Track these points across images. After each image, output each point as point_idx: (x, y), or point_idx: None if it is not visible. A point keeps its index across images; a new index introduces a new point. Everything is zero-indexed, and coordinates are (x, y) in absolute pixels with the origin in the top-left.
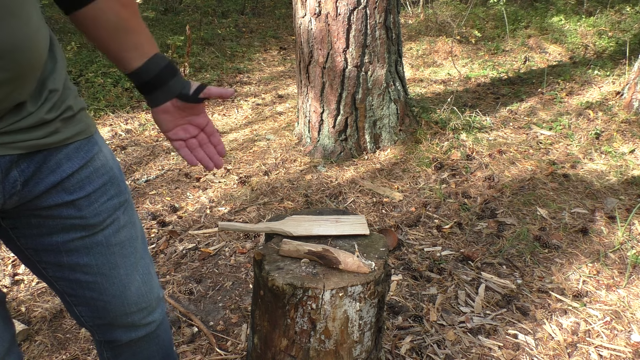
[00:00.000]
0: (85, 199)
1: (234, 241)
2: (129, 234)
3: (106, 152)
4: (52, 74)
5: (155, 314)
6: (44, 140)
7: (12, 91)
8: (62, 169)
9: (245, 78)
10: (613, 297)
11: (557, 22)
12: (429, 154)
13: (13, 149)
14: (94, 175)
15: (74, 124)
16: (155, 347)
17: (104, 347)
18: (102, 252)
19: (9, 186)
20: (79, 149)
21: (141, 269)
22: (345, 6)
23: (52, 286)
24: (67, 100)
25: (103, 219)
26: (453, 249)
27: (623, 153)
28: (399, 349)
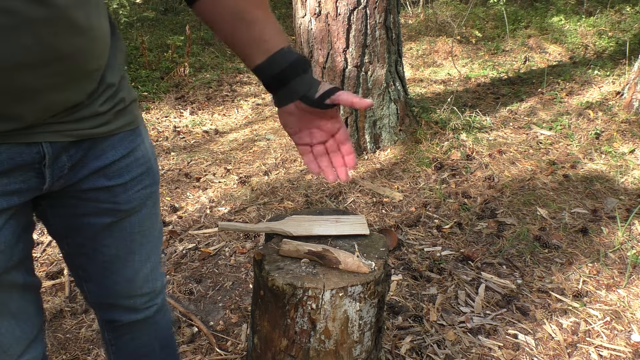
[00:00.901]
0: (121, 186)
1: (234, 241)
2: (151, 224)
3: (147, 144)
4: (111, 68)
5: (157, 300)
6: (95, 130)
7: (71, 94)
8: (105, 156)
9: (245, 78)
10: (613, 297)
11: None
12: (429, 154)
13: (65, 136)
14: (133, 165)
15: (124, 115)
16: (154, 333)
17: (106, 327)
18: (124, 237)
19: (58, 170)
20: (124, 139)
21: (153, 258)
22: (345, 6)
23: (69, 260)
24: (121, 92)
25: (133, 207)
26: (453, 249)
27: (623, 153)
28: (399, 349)
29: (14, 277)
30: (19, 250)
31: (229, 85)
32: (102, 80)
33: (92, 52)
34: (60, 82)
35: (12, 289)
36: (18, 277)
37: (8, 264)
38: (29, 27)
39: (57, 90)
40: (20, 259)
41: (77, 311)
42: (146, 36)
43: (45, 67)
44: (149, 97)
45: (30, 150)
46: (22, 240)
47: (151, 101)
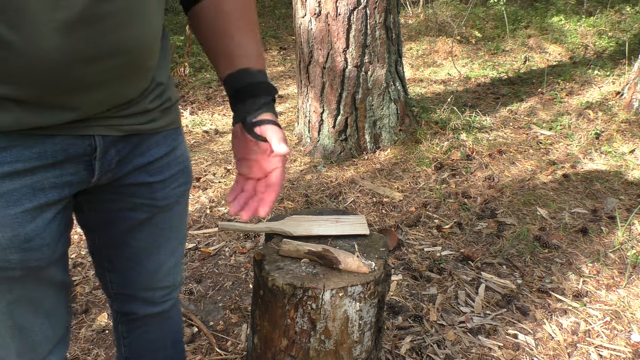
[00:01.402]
0: (160, 183)
1: (234, 241)
2: (179, 220)
3: (185, 144)
4: (160, 67)
5: (174, 294)
6: (143, 126)
7: (128, 89)
8: (150, 153)
9: None
10: (613, 297)
11: (557, 22)
12: (429, 154)
13: (116, 130)
14: (173, 163)
15: (169, 114)
16: (167, 328)
17: (120, 320)
18: (154, 232)
19: (106, 164)
20: (167, 137)
21: (177, 253)
22: (345, 6)
23: (96, 250)
24: (168, 91)
25: (168, 203)
26: (453, 249)
27: (623, 153)
28: (399, 349)
29: (53, 273)
30: (61, 245)
31: None
32: (153, 78)
33: (151, 47)
34: (119, 76)
35: (50, 285)
36: (57, 273)
37: (52, 259)
38: (98, 20)
39: (116, 85)
40: (61, 255)
41: (77, 311)
42: None
43: (106, 60)
44: None
45: (83, 143)
46: (64, 236)
47: None
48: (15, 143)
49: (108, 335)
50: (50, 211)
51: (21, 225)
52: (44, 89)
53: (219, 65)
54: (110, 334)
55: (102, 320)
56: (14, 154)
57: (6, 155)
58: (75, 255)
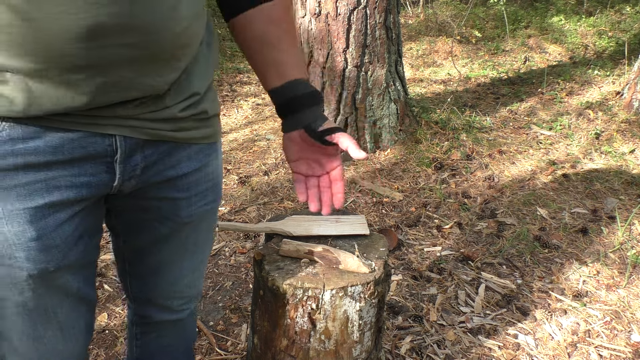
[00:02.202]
0: (186, 200)
1: (234, 241)
2: (205, 237)
3: (220, 160)
4: (199, 75)
5: (191, 304)
6: (172, 133)
7: (145, 77)
8: (180, 167)
9: (245, 78)
10: (613, 297)
11: (557, 22)
12: (429, 154)
13: (141, 133)
14: (202, 180)
15: (205, 127)
16: (180, 335)
17: (136, 322)
18: (177, 246)
19: (130, 168)
20: (200, 151)
21: (201, 267)
22: (345, 6)
23: (119, 253)
24: (205, 103)
25: (194, 220)
26: (453, 249)
27: (623, 153)
28: (399, 349)
29: (67, 281)
30: (77, 251)
31: (229, 85)
32: (189, 84)
33: (172, 33)
34: (128, 59)
35: (64, 294)
36: (73, 282)
37: (61, 263)
38: None
39: (125, 69)
40: (79, 263)
41: None
42: None
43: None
44: None
45: (103, 142)
46: (85, 243)
47: None
48: (31, 134)
49: (108, 335)
50: (65, 212)
51: (29, 222)
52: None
53: (268, 74)
54: (110, 334)
55: (102, 320)
56: (29, 146)
57: (21, 146)
58: None
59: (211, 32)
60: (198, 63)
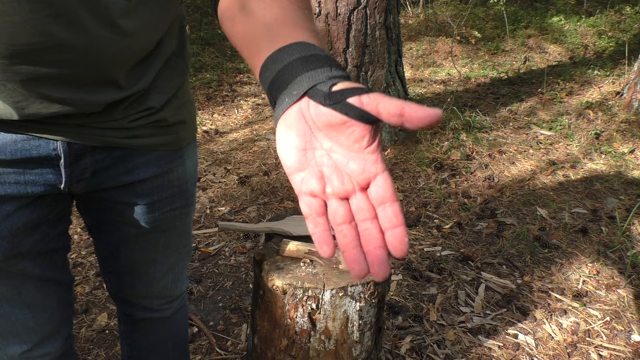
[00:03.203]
0: (149, 206)
1: (234, 241)
2: (178, 240)
3: (188, 166)
4: (163, 89)
5: (175, 303)
6: (124, 140)
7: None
8: (137, 173)
9: (245, 78)
10: (613, 297)
11: (557, 22)
12: (429, 154)
13: (86, 139)
14: (166, 186)
15: (164, 134)
16: (168, 332)
17: (123, 320)
18: (147, 249)
19: (77, 172)
20: (161, 158)
21: (177, 269)
22: (345, 6)
23: (98, 251)
24: (163, 112)
25: (160, 225)
26: (453, 249)
27: (623, 153)
28: (399, 349)
29: (26, 267)
30: (32, 241)
31: (229, 85)
32: (142, 101)
33: (106, 52)
34: (53, 74)
35: (24, 278)
36: (33, 268)
37: (12, 252)
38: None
39: (51, 84)
40: (36, 251)
41: (77, 311)
42: None
43: (37, 53)
44: None
45: (48, 145)
46: (42, 233)
47: None
48: None
49: (108, 335)
50: (11, 204)
51: None
52: None
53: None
54: (110, 334)
55: (102, 320)
56: None
57: None
58: (76, 255)
59: (184, 41)
60: (159, 79)
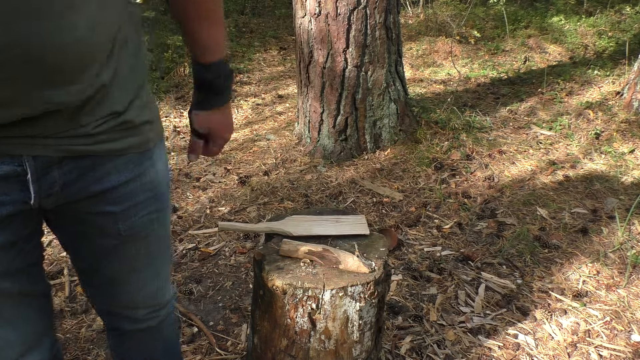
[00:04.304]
0: (123, 213)
1: (234, 241)
2: (157, 246)
3: (159, 168)
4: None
5: (162, 311)
6: (90, 147)
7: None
8: (108, 180)
9: (245, 78)
10: (613, 297)
11: (557, 22)
12: (429, 154)
13: (51, 151)
14: (139, 190)
15: (131, 136)
16: (157, 341)
17: (109, 333)
18: (127, 259)
19: (46, 186)
20: (130, 161)
21: (161, 276)
22: (345, 6)
23: (75, 265)
24: (128, 114)
25: (137, 232)
26: (453, 249)
27: (623, 153)
28: (399, 349)
29: (5, 286)
30: (9, 259)
31: None
32: (105, 103)
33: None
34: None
35: (4, 297)
36: (13, 287)
37: None
38: None
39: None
40: (14, 268)
41: (77, 311)
42: (146, 36)
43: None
44: None
45: (12, 162)
46: (15, 251)
47: None
48: None
49: None
50: None
51: None
52: None
53: (207, 49)
54: None
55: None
56: None
57: None
58: None
59: (139, 41)
60: (118, 76)
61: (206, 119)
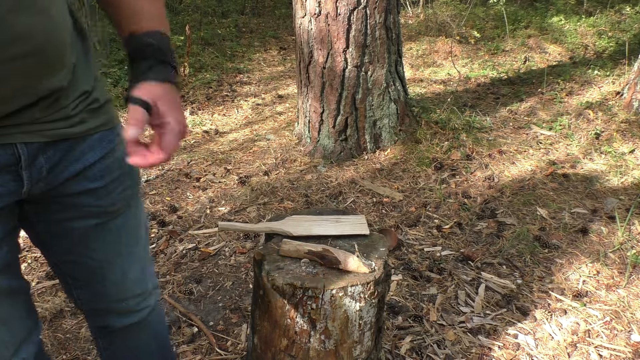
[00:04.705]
0: (104, 189)
1: (234, 241)
2: (137, 224)
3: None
4: (83, 75)
5: (149, 300)
6: (69, 130)
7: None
8: (85, 158)
9: (245, 78)
10: (613, 297)
11: (557, 22)
12: (429, 154)
13: (40, 136)
14: (114, 165)
15: (99, 115)
16: (147, 335)
17: (98, 334)
18: (110, 240)
19: (36, 172)
20: (102, 139)
21: (142, 257)
22: (345, 6)
23: (56, 268)
24: (95, 93)
25: (117, 208)
26: (453, 249)
27: (623, 153)
28: (399, 349)
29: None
30: (2, 254)
31: (229, 85)
32: (74, 86)
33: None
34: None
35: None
36: (3, 283)
37: None
38: None
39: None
40: (5, 263)
41: (77, 311)
42: None
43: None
44: None
45: (5, 152)
46: (9, 243)
47: None
48: None
49: None
50: None
51: None
52: None
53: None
54: None
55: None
56: None
57: None
58: None
59: (80, 26)
60: (80, 57)
61: (154, 89)
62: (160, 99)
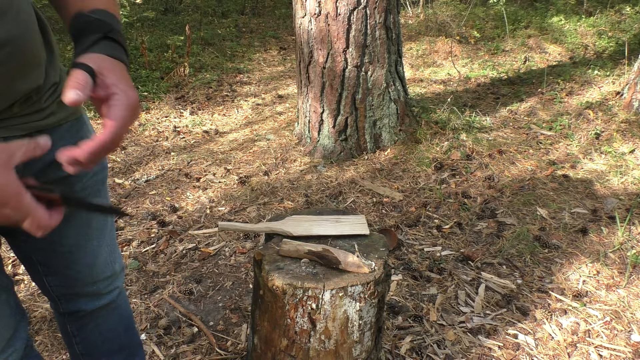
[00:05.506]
0: (75, 175)
1: (234, 241)
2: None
3: (91, 129)
4: (51, 66)
5: (118, 282)
6: (42, 122)
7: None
8: (56, 148)
9: (245, 78)
10: (613, 297)
11: (557, 22)
12: (429, 154)
13: (17, 130)
14: None
15: (67, 105)
16: (117, 317)
17: (68, 320)
18: (80, 224)
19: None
20: (70, 128)
21: (109, 241)
22: (345, 6)
23: (26, 258)
24: (62, 84)
25: (88, 194)
26: (453, 249)
27: (623, 153)
28: (399, 349)
29: None
30: None
31: (229, 85)
32: (46, 78)
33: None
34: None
35: None
36: None
37: None
38: None
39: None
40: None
41: None
42: (146, 36)
43: None
44: (149, 97)
45: None
46: None
47: (151, 101)
48: None
49: None
50: None
51: None
52: None
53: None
54: None
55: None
56: None
57: None
58: None
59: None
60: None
61: (99, 59)
62: (106, 69)
